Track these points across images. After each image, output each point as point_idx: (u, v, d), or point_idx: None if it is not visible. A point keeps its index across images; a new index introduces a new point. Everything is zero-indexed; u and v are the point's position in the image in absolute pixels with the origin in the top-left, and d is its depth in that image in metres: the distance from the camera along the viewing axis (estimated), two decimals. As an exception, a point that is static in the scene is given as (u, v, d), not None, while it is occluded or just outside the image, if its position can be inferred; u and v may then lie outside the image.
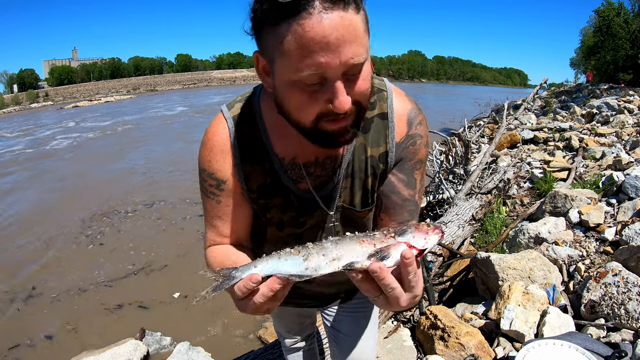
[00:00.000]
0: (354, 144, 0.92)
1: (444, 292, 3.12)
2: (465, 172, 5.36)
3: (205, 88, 74.14)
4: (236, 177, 0.91)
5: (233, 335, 3.54)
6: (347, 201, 0.97)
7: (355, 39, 0.66)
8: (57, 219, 6.96)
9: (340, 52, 0.64)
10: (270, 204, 0.95)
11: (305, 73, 0.66)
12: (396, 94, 0.94)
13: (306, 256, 0.68)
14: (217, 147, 0.91)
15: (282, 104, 0.76)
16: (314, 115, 0.72)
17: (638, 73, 19.89)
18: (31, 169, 11.51)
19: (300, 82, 0.69)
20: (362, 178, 0.95)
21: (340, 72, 0.67)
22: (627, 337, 1.89)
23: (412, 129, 0.94)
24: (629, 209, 3.08)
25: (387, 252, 0.66)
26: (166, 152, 12.63)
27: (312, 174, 0.93)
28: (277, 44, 0.66)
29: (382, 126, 0.92)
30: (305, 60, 0.65)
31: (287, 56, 0.66)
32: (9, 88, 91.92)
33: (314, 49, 0.63)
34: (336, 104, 0.69)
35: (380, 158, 0.94)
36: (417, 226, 0.68)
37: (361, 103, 0.75)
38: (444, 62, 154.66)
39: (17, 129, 24.24)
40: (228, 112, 0.93)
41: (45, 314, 4.13)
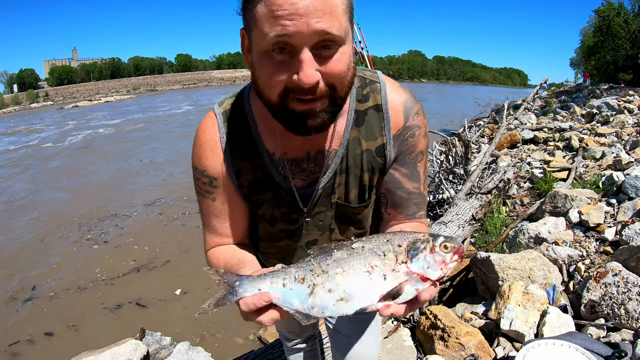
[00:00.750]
0: (347, 137, 0.89)
1: (444, 292, 3.12)
2: (465, 172, 5.36)
3: (205, 88, 74.13)
4: (227, 172, 0.90)
5: (233, 335, 3.54)
6: (343, 197, 0.94)
7: (328, 12, 0.64)
8: (59, 217, 6.96)
9: (309, 20, 0.63)
10: (261, 200, 0.93)
11: (271, 35, 0.64)
12: (390, 85, 0.92)
13: (311, 287, 0.64)
14: (207, 143, 0.90)
15: (256, 81, 0.74)
16: (280, 89, 0.70)
17: (638, 73, 19.90)
18: (36, 167, 11.54)
19: (270, 54, 0.67)
20: (358, 173, 0.92)
21: (308, 42, 0.65)
22: (627, 337, 1.89)
23: (410, 120, 0.91)
24: (629, 209, 3.08)
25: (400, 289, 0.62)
26: (172, 150, 12.67)
27: (305, 170, 0.90)
28: (252, 14, 0.67)
29: (377, 118, 0.90)
30: (272, 25, 0.64)
31: (259, 23, 0.66)
32: (9, 88, 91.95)
33: (281, 13, 0.63)
34: (301, 75, 0.66)
35: (378, 152, 0.91)
36: (432, 249, 0.62)
37: (335, 87, 0.71)
38: (444, 62, 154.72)
39: (30, 126, 24.37)
40: (218, 108, 0.92)
41: (45, 313, 4.14)
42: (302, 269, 0.66)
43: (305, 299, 0.64)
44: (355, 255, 0.63)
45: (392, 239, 0.64)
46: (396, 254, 0.62)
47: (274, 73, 0.69)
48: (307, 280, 0.64)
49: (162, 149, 13.20)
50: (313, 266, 0.65)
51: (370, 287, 0.62)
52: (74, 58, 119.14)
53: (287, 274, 0.66)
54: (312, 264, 0.65)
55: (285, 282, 0.66)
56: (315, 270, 0.64)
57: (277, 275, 0.67)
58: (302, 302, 0.65)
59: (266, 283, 0.67)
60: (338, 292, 0.63)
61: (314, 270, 0.64)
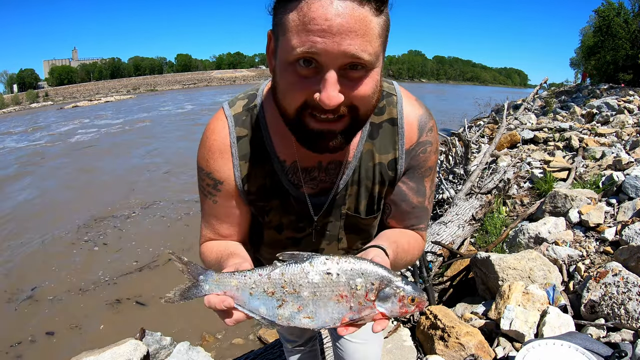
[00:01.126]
0: (361, 149, 0.88)
1: (444, 292, 3.12)
2: (465, 172, 5.36)
3: (205, 88, 74.13)
4: (234, 177, 0.88)
5: (233, 335, 3.54)
6: (352, 208, 0.94)
7: (362, 35, 0.62)
8: (64, 217, 6.96)
9: (340, 40, 0.61)
10: (269, 207, 0.92)
11: (299, 50, 0.62)
12: (406, 99, 0.90)
13: (280, 302, 0.66)
14: (216, 146, 0.87)
15: (276, 88, 0.72)
16: (298, 102, 0.68)
17: (638, 73, 19.89)
18: (40, 165, 11.54)
19: (295, 65, 0.65)
20: (369, 185, 0.91)
21: (336, 62, 0.63)
22: (627, 337, 1.89)
23: (423, 136, 0.90)
24: (629, 209, 3.08)
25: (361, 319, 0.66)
26: (176, 149, 12.69)
27: (315, 179, 0.89)
28: (283, 20, 0.65)
29: (391, 132, 0.89)
30: (302, 38, 0.62)
31: (288, 32, 0.64)
32: (9, 88, 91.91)
33: (313, 28, 0.61)
34: (323, 95, 0.64)
35: (390, 165, 0.90)
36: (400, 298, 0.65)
37: (358, 109, 0.69)
38: (444, 62, 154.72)
39: (32, 125, 24.46)
40: (229, 109, 0.89)
41: (46, 314, 4.14)
42: (273, 282, 0.66)
43: (272, 309, 0.66)
44: (329, 282, 0.65)
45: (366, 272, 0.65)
46: (367, 290, 0.65)
47: (296, 86, 0.67)
48: (276, 294, 0.66)
49: (164, 148, 13.22)
50: (284, 282, 0.65)
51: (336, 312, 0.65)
52: (74, 58, 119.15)
53: (255, 283, 0.66)
54: (283, 279, 0.65)
55: (252, 291, 0.66)
56: (286, 288, 0.65)
57: (245, 281, 0.67)
58: (269, 311, 0.66)
59: (231, 285, 0.67)
60: (306, 311, 0.65)
61: (284, 287, 0.65)
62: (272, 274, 0.66)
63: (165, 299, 0.70)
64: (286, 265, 0.66)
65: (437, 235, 3.60)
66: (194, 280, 0.70)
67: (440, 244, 3.38)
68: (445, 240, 3.55)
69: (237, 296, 0.67)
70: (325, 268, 0.65)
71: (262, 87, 0.91)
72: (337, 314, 0.65)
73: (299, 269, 0.65)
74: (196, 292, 0.69)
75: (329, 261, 0.65)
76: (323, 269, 0.65)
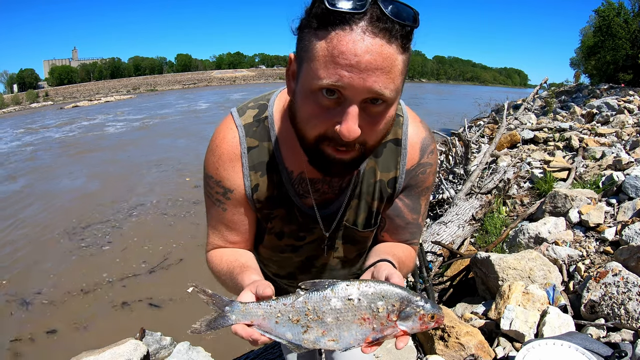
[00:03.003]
0: (364, 166, 0.92)
1: (444, 292, 3.12)
2: (465, 172, 5.36)
3: (205, 88, 74.11)
4: (244, 187, 0.90)
5: (233, 335, 3.53)
6: (351, 221, 0.98)
7: (387, 72, 0.64)
8: (70, 216, 6.96)
9: (367, 77, 0.62)
10: (273, 215, 0.95)
11: (325, 82, 0.63)
12: (412, 120, 0.93)
13: (305, 329, 0.68)
14: (226, 155, 0.89)
15: (296, 112, 0.74)
16: (318, 132, 0.70)
17: (638, 73, 19.89)
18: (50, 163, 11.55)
19: (318, 94, 0.66)
20: (369, 200, 0.95)
21: (360, 97, 0.65)
22: (627, 337, 1.89)
23: (424, 158, 0.94)
24: (629, 209, 3.08)
25: (384, 337, 0.68)
26: (181, 148, 12.73)
27: (319, 190, 0.93)
28: (310, 47, 0.65)
29: (394, 152, 0.92)
30: (329, 70, 0.63)
31: (314, 61, 0.64)
32: (9, 88, 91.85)
33: (341, 62, 0.62)
34: (344, 128, 0.66)
35: (389, 183, 0.94)
36: (421, 317, 0.67)
37: (367, 143, 0.72)
38: (444, 62, 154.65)
39: (42, 123, 24.61)
40: (239, 118, 0.90)
41: (47, 315, 4.14)
42: (297, 311, 0.69)
43: (298, 335, 0.69)
44: (351, 307, 0.67)
45: (387, 295, 0.68)
46: (389, 312, 0.67)
47: (317, 115, 0.68)
48: (301, 321, 0.68)
49: (167, 145, 13.23)
50: (308, 310, 0.68)
51: (359, 334, 0.68)
52: (74, 58, 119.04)
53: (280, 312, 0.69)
54: (307, 307, 0.68)
55: (278, 320, 0.69)
56: (310, 315, 0.68)
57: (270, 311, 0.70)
58: (295, 337, 0.69)
59: (258, 315, 0.70)
60: (330, 335, 0.68)
61: (308, 314, 0.68)
62: (296, 302, 0.69)
63: (192, 330, 0.73)
64: (309, 293, 0.69)
65: (437, 235, 3.60)
66: (220, 311, 0.72)
67: (440, 244, 3.38)
68: (445, 240, 3.55)
69: (264, 324, 0.70)
70: (347, 294, 0.67)
71: (273, 98, 0.92)
72: (361, 335, 0.68)
73: (321, 297, 0.68)
74: (223, 322, 0.72)
75: (349, 287, 0.67)
76: (344, 294, 0.67)
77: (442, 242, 3.44)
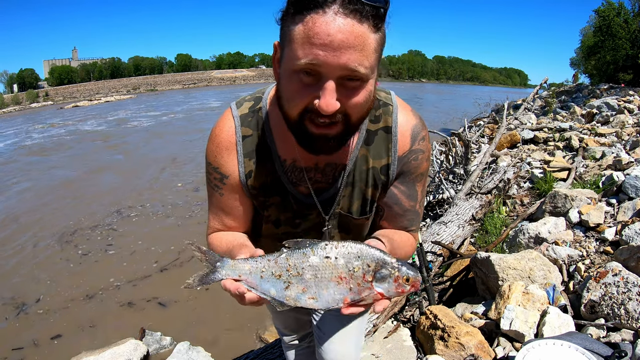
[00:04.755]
0: (356, 154, 0.94)
1: (444, 292, 3.12)
2: (465, 172, 5.36)
3: (205, 88, 74.13)
4: (238, 173, 0.96)
5: (233, 334, 3.54)
6: (345, 208, 1.00)
7: (360, 50, 0.68)
8: (78, 215, 6.97)
9: (340, 55, 0.67)
10: (269, 202, 0.98)
11: (303, 61, 0.69)
12: (401, 109, 0.97)
13: (287, 284, 0.73)
14: (223, 143, 0.95)
15: (281, 94, 0.79)
16: (300, 108, 0.75)
17: (638, 73, 19.89)
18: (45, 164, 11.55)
19: (298, 74, 0.72)
20: (362, 188, 0.98)
21: (335, 73, 0.70)
22: (627, 337, 1.89)
23: (415, 145, 0.96)
24: (629, 209, 3.08)
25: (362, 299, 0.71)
26: (186, 148, 12.75)
27: (312, 179, 0.96)
28: (289, 32, 0.71)
29: (385, 139, 0.95)
30: (306, 50, 0.68)
31: (293, 44, 0.70)
32: (9, 88, 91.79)
33: (316, 42, 0.67)
34: (322, 102, 0.71)
35: (382, 170, 0.96)
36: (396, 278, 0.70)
37: (350, 116, 0.76)
38: (444, 62, 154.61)
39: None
40: (236, 110, 0.96)
41: (48, 318, 4.14)
42: (280, 266, 0.74)
43: (280, 291, 0.74)
44: (328, 265, 0.71)
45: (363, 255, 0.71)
46: (364, 272, 0.70)
47: (298, 92, 0.74)
48: (283, 276, 0.73)
49: (171, 145, 13.25)
50: (289, 266, 0.73)
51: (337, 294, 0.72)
52: (74, 58, 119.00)
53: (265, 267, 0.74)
54: (288, 263, 0.73)
55: (263, 274, 0.74)
56: (290, 271, 0.73)
57: (256, 266, 0.75)
58: (278, 293, 0.74)
59: (245, 270, 0.76)
60: (310, 292, 0.72)
61: (289, 270, 0.73)
62: (279, 258, 0.74)
63: (185, 285, 0.78)
64: (291, 251, 0.74)
65: (437, 235, 3.60)
66: (211, 266, 0.77)
67: (440, 244, 3.38)
68: (445, 240, 3.55)
69: (250, 280, 0.75)
70: (325, 252, 0.72)
71: (268, 90, 0.98)
72: (339, 294, 0.71)
73: (301, 254, 0.73)
74: (213, 277, 0.77)
75: (328, 246, 0.72)
76: (322, 253, 0.72)
77: (442, 242, 3.44)
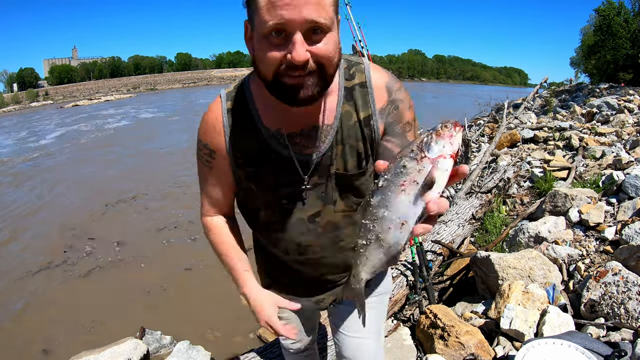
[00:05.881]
0: (340, 112, 0.99)
1: (444, 291, 3.12)
2: (465, 171, 5.35)
3: (205, 87, 74.06)
4: (225, 144, 1.02)
5: (233, 334, 3.54)
6: (341, 167, 1.02)
7: (317, 3, 0.77)
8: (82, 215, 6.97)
9: (301, 10, 0.75)
10: (263, 171, 1.02)
11: (270, 23, 0.76)
12: (373, 67, 1.03)
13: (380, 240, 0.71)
14: (211, 120, 1.03)
15: (256, 62, 0.86)
16: (275, 66, 0.81)
17: (638, 72, 19.87)
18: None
19: (267, 37, 0.79)
20: (353, 144, 1.01)
21: (300, 27, 0.77)
22: (626, 336, 1.89)
23: (392, 95, 1.02)
24: (629, 208, 3.08)
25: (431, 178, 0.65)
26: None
27: (297, 144, 0.99)
28: (255, 4, 0.79)
29: (363, 93, 1.00)
30: (271, 13, 0.76)
31: (260, 11, 0.77)
32: (9, 87, 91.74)
33: (279, 3, 0.75)
34: (293, 54, 0.77)
35: (365, 122, 1.00)
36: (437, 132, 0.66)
37: (324, 65, 0.82)
38: (444, 61, 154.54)
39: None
40: (224, 91, 1.05)
41: (48, 318, 4.14)
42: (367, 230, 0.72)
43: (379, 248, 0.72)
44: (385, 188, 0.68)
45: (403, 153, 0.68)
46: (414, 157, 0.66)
47: (271, 52, 0.80)
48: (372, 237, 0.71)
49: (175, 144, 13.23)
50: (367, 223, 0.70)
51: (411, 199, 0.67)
52: (74, 57, 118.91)
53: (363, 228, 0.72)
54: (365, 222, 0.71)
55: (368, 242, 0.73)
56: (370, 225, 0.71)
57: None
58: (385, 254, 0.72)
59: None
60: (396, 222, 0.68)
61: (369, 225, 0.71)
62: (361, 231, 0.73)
63: None
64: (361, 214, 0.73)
65: (437, 234, 3.60)
66: None
67: (440, 243, 3.38)
68: (445, 239, 3.55)
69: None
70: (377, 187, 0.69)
71: (252, 72, 1.03)
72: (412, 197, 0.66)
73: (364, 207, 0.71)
74: None
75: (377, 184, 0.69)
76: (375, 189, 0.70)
77: (442, 241, 3.44)
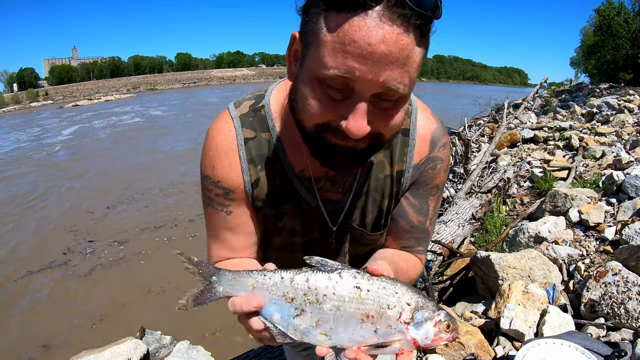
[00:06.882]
0: (373, 160, 0.83)
1: (444, 291, 3.12)
2: (466, 171, 5.36)
3: (205, 87, 74.02)
4: (244, 183, 0.81)
5: (233, 333, 3.54)
6: (358, 221, 0.88)
7: (403, 65, 0.57)
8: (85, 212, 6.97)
9: (380, 70, 0.55)
10: (283, 211, 0.86)
11: (332, 72, 0.57)
12: (421, 110, 0.85)
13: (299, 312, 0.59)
14: (221, 148, 0.80)
15: (296, 97, 0.66)
16: (321, 121, 0.63)
17: (638, 72, 19.87)
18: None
19: (323, 81, 0.59)
20: (378, 198, 0.86)
21: (371, 91, 0.58)
22: (626, 336, 1.89)
23: (434, 152, 0.85)
24: (629, 208, 3.08)
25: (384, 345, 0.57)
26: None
27: (322, 189, 0.84)
28: (317, 30, 0.58)
29: (402, 143, 0.83)
30: (338, 59, 0.56)
31: (321, 47, 0.57)
32: (9, 87, 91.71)
33: (352, 51, 0.55)
34: (350, 124, 0.59)
35: (397, 177, 0.85)
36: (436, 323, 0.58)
37: (382, 136, 0.65)
38: (444, 61, 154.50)
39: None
40: (235, 110, 0.82)
41: (48, 317, 4.14)
42: (295, 287, 0.59)
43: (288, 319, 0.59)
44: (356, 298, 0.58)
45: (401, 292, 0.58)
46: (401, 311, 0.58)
47: (320, 105, 0.61)
48: (296, 301, 0.59)
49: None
50: (308, 289, 0.59)
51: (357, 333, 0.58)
52: (74, 57, 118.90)
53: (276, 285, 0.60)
54: (307, 286, 0.59)
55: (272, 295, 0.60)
56: (308, 295, 0.59)
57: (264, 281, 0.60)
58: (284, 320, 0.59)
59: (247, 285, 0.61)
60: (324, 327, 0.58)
61: (307, 295, 0.59)
62: (296, 277, 0.59)
63: (179, 307, 0.64)
64: (313, 271, 0.60)
65: (437, 234, 3.60)
66: (206, 282, 0.64)
67: (440, 243, 3.38)
68: (445, 239, 3.55)
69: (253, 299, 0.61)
70: (355, 282, 0.58)
71: (272, 87, 0.85)
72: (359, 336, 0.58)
73: (325, 278, 0.59)
74: (210, 296, 0.63)
75: (359, 275, 0.59)
76: (352, 282, 0.58)
77: (442, 241, 3.44)
